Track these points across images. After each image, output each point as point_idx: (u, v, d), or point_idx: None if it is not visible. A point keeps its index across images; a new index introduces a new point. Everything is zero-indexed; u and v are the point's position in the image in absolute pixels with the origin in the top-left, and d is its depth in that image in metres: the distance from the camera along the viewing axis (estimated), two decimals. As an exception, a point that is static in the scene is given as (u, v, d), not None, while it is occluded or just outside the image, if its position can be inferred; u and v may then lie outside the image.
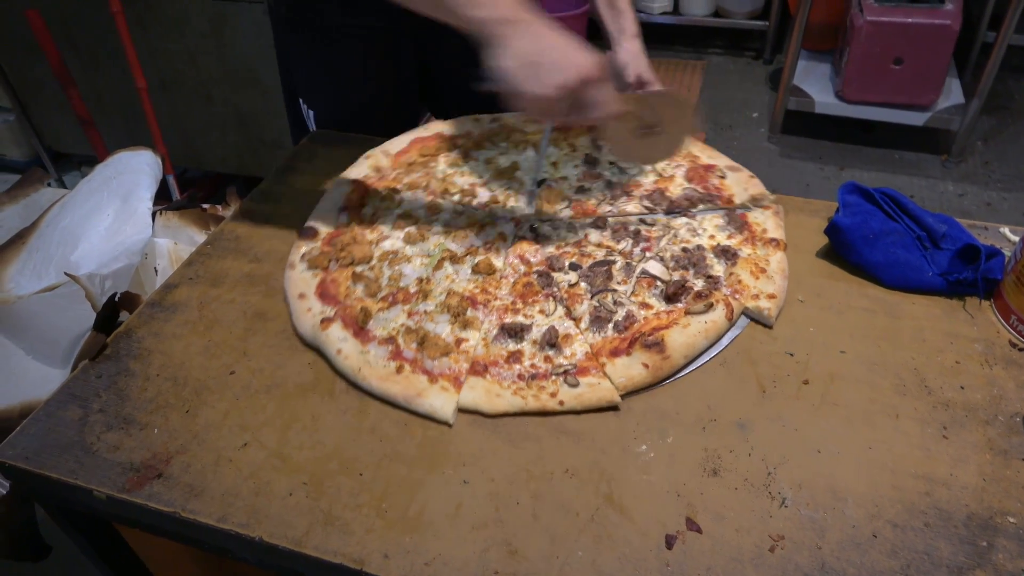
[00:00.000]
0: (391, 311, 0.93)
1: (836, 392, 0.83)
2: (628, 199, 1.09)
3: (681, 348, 0.85)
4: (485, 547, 0.70)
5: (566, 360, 0.86)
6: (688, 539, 0.69)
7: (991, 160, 2.99)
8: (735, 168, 1.13)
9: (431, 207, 1.11)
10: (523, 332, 0.89)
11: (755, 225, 1.02)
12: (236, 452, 0.79)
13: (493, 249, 1.02)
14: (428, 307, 0.93)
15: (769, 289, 0.92)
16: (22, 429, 0.83)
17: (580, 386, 0.82)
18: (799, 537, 0.69)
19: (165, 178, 2.35)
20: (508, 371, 0.85)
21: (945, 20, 2.64)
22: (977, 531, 0.69)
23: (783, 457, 0.76)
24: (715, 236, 1.01)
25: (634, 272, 0.96)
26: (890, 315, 0.92)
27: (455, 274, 0.98)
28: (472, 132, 1.26)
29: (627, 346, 0.86)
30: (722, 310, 0.89)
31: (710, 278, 0.94)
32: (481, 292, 0.95)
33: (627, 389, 0.83)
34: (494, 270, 0.98)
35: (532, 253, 1.01)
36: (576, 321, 0.91)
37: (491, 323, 0.91)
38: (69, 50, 2.50)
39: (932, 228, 0.97)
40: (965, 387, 0.83)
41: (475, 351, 0.88)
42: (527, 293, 0.95)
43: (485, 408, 0.82)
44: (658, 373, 0.84)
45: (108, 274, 1.21)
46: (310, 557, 0.70)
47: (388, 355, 0.87)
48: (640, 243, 1.01)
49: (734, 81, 3.58)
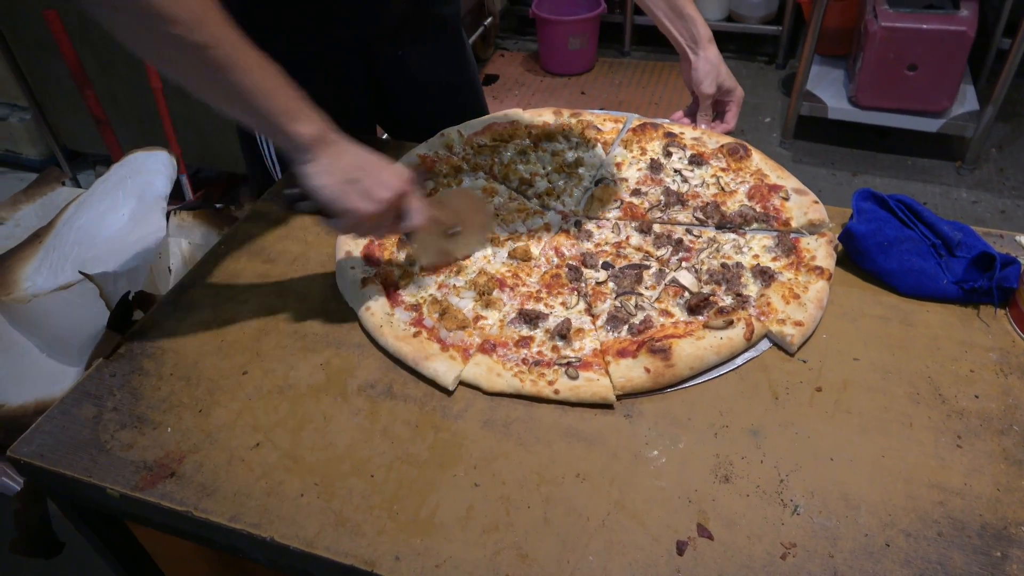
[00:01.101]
0: (426, 280, 0.99)
1: (849, 400, 0.82)
2: (682, 208, 1.08)
3: (687, 359, 0.84)
4: (496, 550, 0.70)
5: (573, 353, 0.87)
6: (699, 545, 0.69)
7: (1006, 167, 2.97)
8: (801, 191, 1.08)
9: (487, 190, 1.15)
10: (539, 320, 0.91)
11: (805, 251, 0.99)
12: (248, 452, 0.80)
13: (535, 237, 1.06)
14: (458, 282, 0.98)
15: (798, 316, 0.89)
16: (37, 427, 0.84)
17: (579, 379, 0.83)
18: (811, 545, 0.69)
19: (179, 178, 2.36)
20: (515, 354, 0.88)
21: (961, 27, 2.62)
22: (991, 541, 0.68)
23: (795, 464, 0.76)
24: (759, 256, 0.99)
25: (664, 279, 0.96)
26: (904, 323, 0.91)
27: (492, 256, 1.03)
28: (549, 123, 1.27)
29: (635, 349, 0.86)
30: (742, 329, 0.87)
31: (739, 296, 0.93)
32: (512, 276, 0.99)
33: (624, 390, 0.83)
34: (530, 257, 1.02)
35: (568, 247, 1.04)
36: (594, 318, 0.92)
37: (512, 307, 0.94)
38: (86, 50, 2.52)
39: (947, 236, 0.96)
40: (980, 396, 0.82)
41: (490, 330, 0.91)
42: (554, 284, 0.97)
43: (484, 384, 0.84)
44: (659, 380, 0.83)
45: (123, 273, 1.22)
46: (321, 558, 0.70)
47: (410, 320, 0.92)
48: (680, 252, 1.01)
49: (747, 86, 3.56)
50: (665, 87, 3.55)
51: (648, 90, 3.53)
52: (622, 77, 3.67)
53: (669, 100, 3.43)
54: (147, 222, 1.39)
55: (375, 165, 0.85)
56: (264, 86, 0.78)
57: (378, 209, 0.84)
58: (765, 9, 3.57)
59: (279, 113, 0.79)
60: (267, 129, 0.81)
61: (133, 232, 1.40)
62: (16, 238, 1.55)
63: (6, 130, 3.05)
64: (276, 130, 0.80)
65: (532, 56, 3.89)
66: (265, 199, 1.19)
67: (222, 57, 0.74)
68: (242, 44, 0.76)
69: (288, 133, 0.80)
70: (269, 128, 0.80)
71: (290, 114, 0.79)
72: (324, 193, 0.83)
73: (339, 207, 0.83)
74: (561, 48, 3.61)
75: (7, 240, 1.59)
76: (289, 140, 0.80)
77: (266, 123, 0.80)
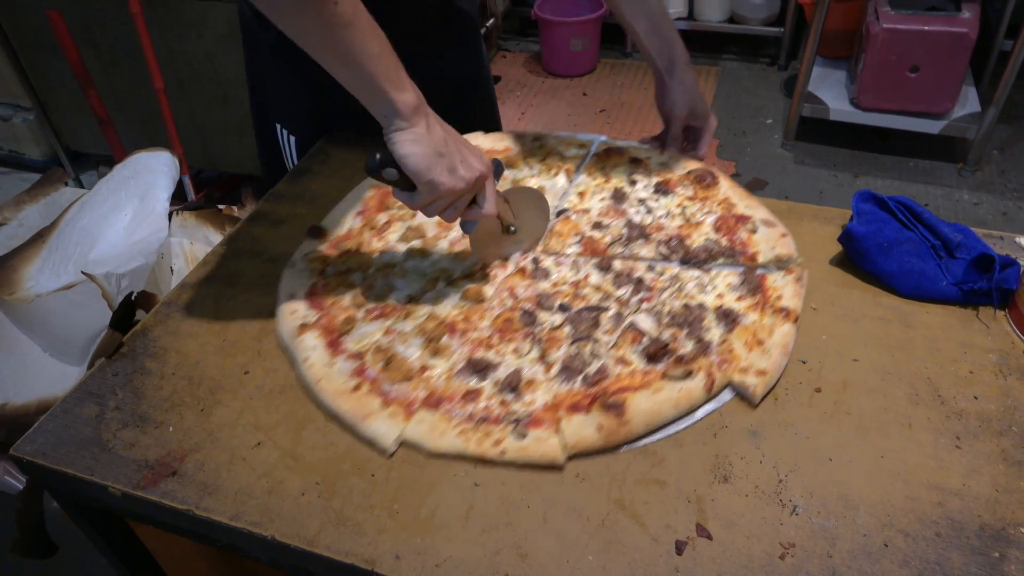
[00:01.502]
0: (371, 325, 0.92)
1: (849, 400, 0.82)
2: (645, 242, 1.03)
3: (643, 415, 0.79)
4: (496, 550, 0.70)
5: (523, 407, 0.81)
6: (698, 545, 0.70)
7: (1007, 169, 2.97)
8: (770, 223, 1.03)
9: (443, 223, 1.08)
10: (488, 370, 0.85)
11: (771, 289, 0.94)
12: (250, 451, 0.80)
13: (490, 276, 0.99)
14: (406, 327, 0.92)
15: (761, 364, 0.84)
16: (40, 425, 0.84)
17: (527, 438, 0.78)
18: (810, 545, 0.69)
19: (181, 178, 2.36)
20: (461, 409, 0.81)
21: (962, 28, 2.62)
22: (990, 542, 0.69)
23: (794, 465, 0.76)
24: (724, 296, 0.94)
25: (623, 323, 0.91)
26: (904, 324, 0.92)
27: (443, 297, 0.96)
28: (511, 149, 1.21)
29: (588, 403, 0.80)
30: (702, 379, 0.82)
31: (701, 342, 0.87)
32: (463, 320, 0.92)
33: (575, 450, 0.78)
34: (483, 299, 0.95)
35: (523, 288, 0.97)
36: (547, 367, 0.86)
37: (461, 355, 0.88)
38: (89, 50, 2.53)
39: (947, 237, 0.96)
40: (979, 397, 0.82)
41: (436, 381, 0.85)
42: (506, 329, 0.91)
43: (427, 445, 0.79)
44: (612, 438, 0.78)
45: (125, 273, 1.22)
46: (322, 557, 0.70)
47: (352, 371, 0.86)
48: (641, 292, 0.95)
49: (749, 87, 3.57)
50: (667, 88, 3.54)
51: (650, 92, 3.50)
52: (624, 78, 3.67)
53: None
54: (149, 222, 1.40)
55: (464, 143, 0.86)
56: (374, 49, 0.79)
57: (459, 187, 0.83)
58: (767, 11, 3.57)
59: (384, 78, 0.80)
60: (368, 92, 0.81)
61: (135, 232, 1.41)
62: (20, 238, 1.56)
63: (9, 130, 3.06)
64: (378, 94, 0.80)
65: (534, 57, 3.90)
66: (267, 199, 1.20)
67: (343, 13, 0.76)
68: (360, 5, 0.78)
69: (390, 98, 0.80)
70: (371, 91, 0.81)
71: (393, 81, 0.80)
72: (411, 161, 0.82)
73: (423, 178, 0.82)
74: (563, 49, 3.61)
75: (11, 240, 1.60)
76: (389, 105, 0.81)
77: (369, 86, 0.80)
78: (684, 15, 3.71)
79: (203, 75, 2.49)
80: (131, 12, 2.19)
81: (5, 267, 1.41)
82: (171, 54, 2.45)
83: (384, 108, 0.81)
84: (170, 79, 2.42)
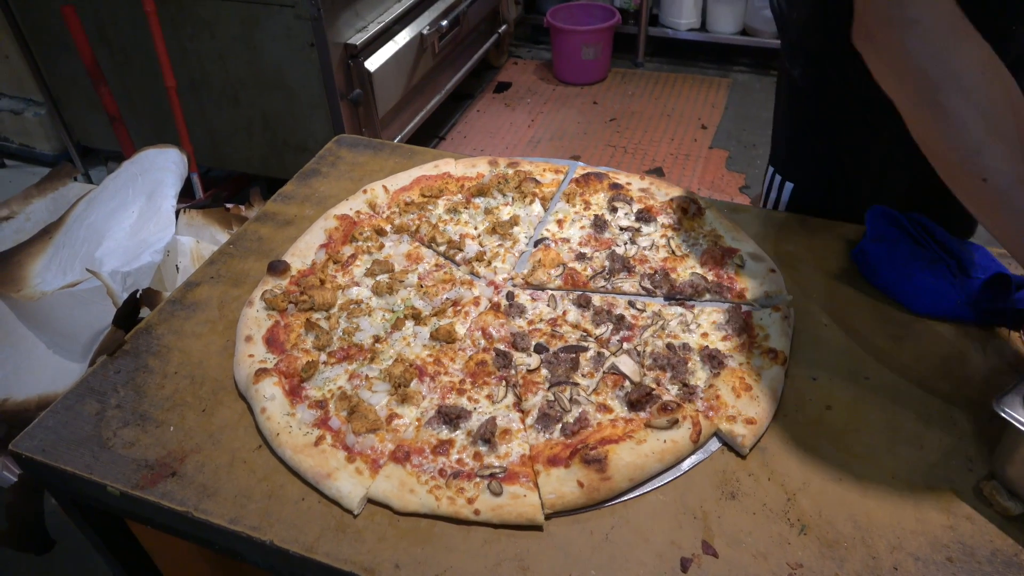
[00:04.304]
0: (335, 369, 0.87)
1: (859, 419, 0.81)
2: (628, 275, 0.98)
3: (626, 469, 0.74)
4: (497, 561, 0.69)
5: (498, 460, 0.76)
6: (704, 563, 0.68)
7: (1019, 188, 2.95)
8: (758, 257, 0.99)
9: (412, 256, 1.03)
10: (460, 419, 0.80)
11: (758, 329, 0.90)
12: (251, 454, 0.79)
13: (462, 313, 0.94)
14: (372, 371, 0.86)
15: (750, 412, 0.80)
16: (39, 422, 0.83)
17: (503, 495, 0.72)
18: (817, 566, 0.68)
19: (189, 177, 2.37)
20: (431, 463, 0.76)
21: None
22: (1001, 568, 0.67)
23: (803, 483, 0.75)
24: (708, 335, 0.90)
25: (603, 365, 0.86)
26: (916, 342, 0.90)
27: (412, 337, 0.90)
28: (484, 175, 1.17)
29: (568, 455, 0.75)
30: (687, 429, 0.77)
31: (686, 387, 0.83)
32: (433, 362, 0.87)
33: (555, 509, 0.72)
34: (454, 339, 0.90)
35: (497, 327, 0.91)
36: (523, 414, 0.81)
37: (431, 401, 0.83)
38: (102, 47, 2.53)
39: (961, 256, 0.95)
40: (992, 419, 0.81)
41: (404, 432, 0.80)
42: (479, 372, 0.86)
43: (395, 504, 0.73)
44: (593, 495, 0.73)
45: (130, 271, 1.22)
46: (320, 563, 0.69)
47: (314, 421, 0.80)
48: (622, 330, 0.91)
49: (759, 99, 3.56)
50: (678, 98, 3.54)
51: (661, 101, 3.52)
52: (635, 88, 3.67)
53: (682, 111, 3.42)
54: (156, 220, 1.40)
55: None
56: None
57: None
58: (780, 24, 3.56)
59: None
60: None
61: (142, 229, 1.41)
62: (26, 232, 1.55)
63: (21, 124, 3.07)
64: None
65: (545, 65, 3.90)
66: (275, 200, 1.19)
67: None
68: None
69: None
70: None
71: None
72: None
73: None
74: (574, 57, 3.61)
75: (17, 234, 1.60)
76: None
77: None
78: (696, 26, 3.71)
79: (214, 75, 2.50)
80: (145, 11, 2.20)
81: (12, 263, 1.41)
82: (183, 53, 2.46)
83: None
84: (181, 78, 2.43)
